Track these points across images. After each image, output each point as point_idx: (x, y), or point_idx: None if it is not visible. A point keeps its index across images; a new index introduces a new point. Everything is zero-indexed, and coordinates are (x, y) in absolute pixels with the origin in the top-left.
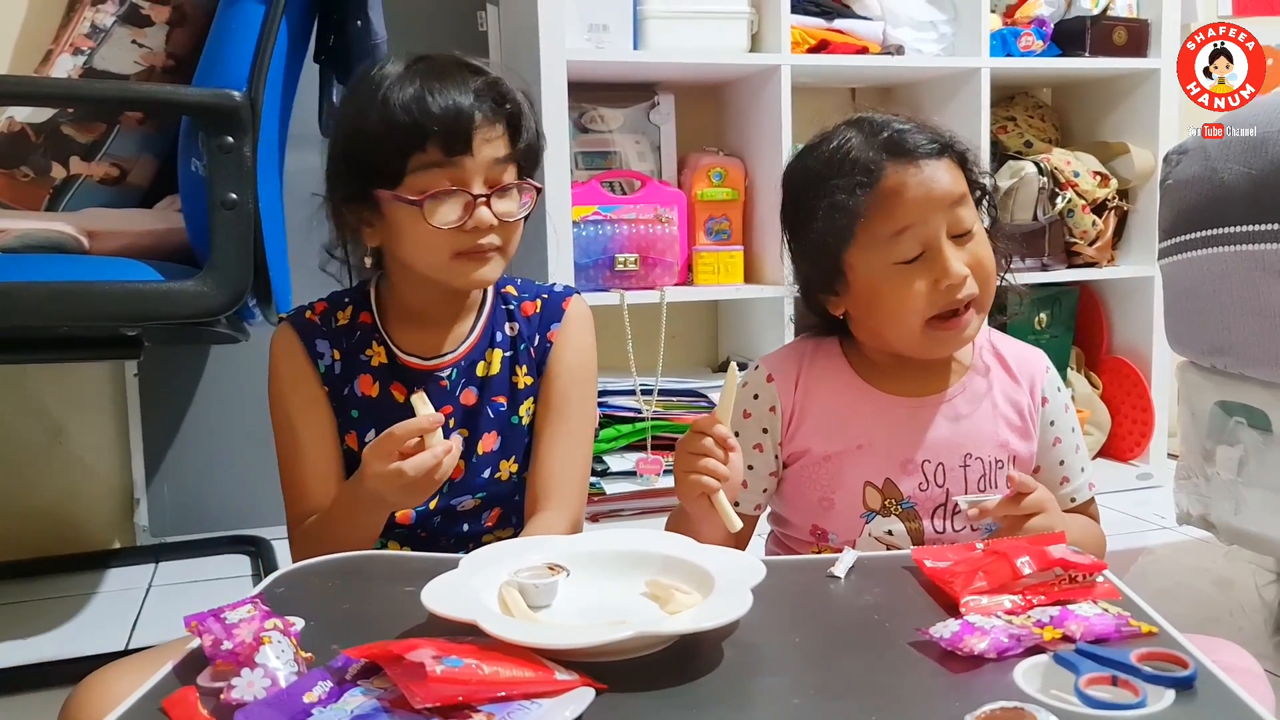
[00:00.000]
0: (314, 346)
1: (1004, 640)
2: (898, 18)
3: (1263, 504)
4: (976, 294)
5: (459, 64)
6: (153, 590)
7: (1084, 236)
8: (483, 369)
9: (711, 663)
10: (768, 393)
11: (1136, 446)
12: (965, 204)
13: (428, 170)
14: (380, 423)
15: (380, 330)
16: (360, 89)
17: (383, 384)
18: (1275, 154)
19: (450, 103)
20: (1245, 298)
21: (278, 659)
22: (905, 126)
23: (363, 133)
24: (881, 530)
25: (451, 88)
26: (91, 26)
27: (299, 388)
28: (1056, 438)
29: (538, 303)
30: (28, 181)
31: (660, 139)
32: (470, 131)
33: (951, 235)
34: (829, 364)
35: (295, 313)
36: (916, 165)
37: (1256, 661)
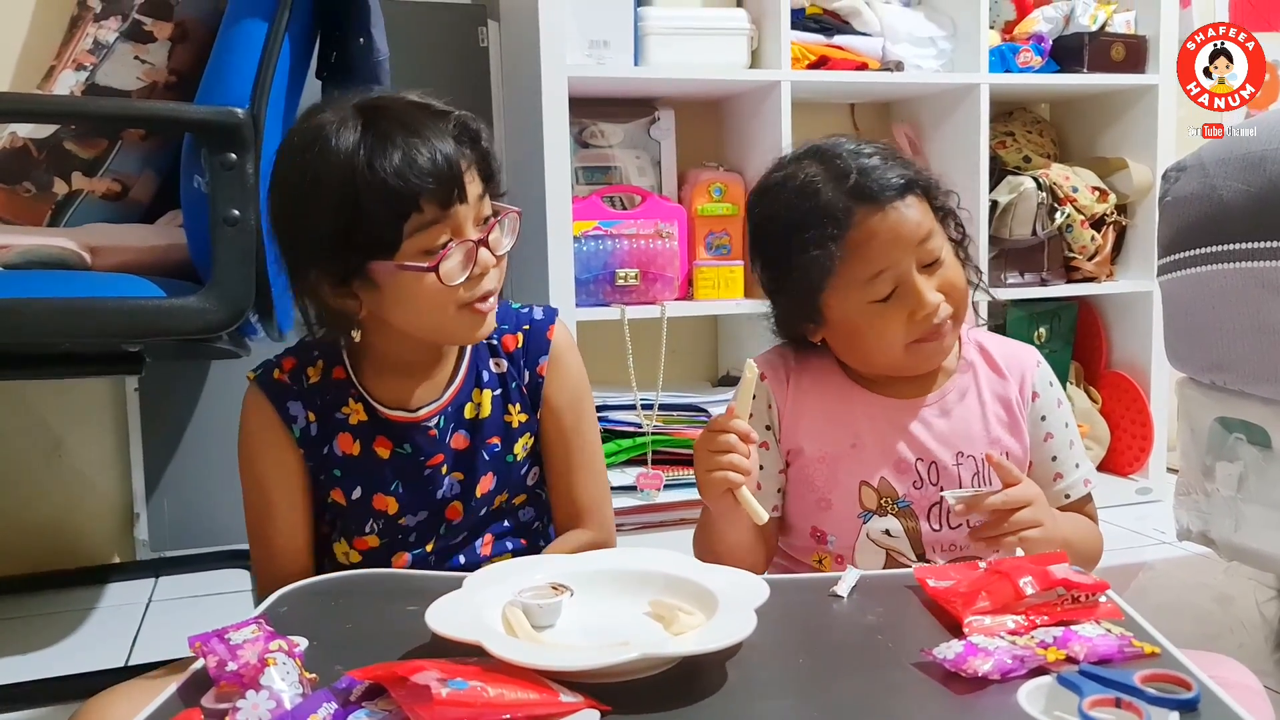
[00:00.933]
0: (286, 410)
1: (1007, 661)
2: (897, 34)
3: (1262, 520)
4: (950, 315)
5: (422, 107)
6: (153, 605)
7: (1083, 251)
8: (471, 411)
9: (715, 684)
10: (762, 390)
11: (1136, 461)
12: (933, 235)
13: (425, 230)
14: (366, 479)
15: (357, 386)
16: (321, 158)
17: (364, 442)
18: (1274, 171)
19: (439, 155)
20: (1245, 315)
21: (282, 680)
22: (870, 164)
23: (349, 208)
24: (879, 530)
25: (432, 138)
26: (94, 43)
27: (271, 453)
28: (1048, 433)
29: (519, 336)
30: (30, 197)
31: (661, 154)
32: (462, 179)
33: (922, 266)
34: (818, 365)
35: (263, 372)
36: (884, 210)
37: (1256, 678)
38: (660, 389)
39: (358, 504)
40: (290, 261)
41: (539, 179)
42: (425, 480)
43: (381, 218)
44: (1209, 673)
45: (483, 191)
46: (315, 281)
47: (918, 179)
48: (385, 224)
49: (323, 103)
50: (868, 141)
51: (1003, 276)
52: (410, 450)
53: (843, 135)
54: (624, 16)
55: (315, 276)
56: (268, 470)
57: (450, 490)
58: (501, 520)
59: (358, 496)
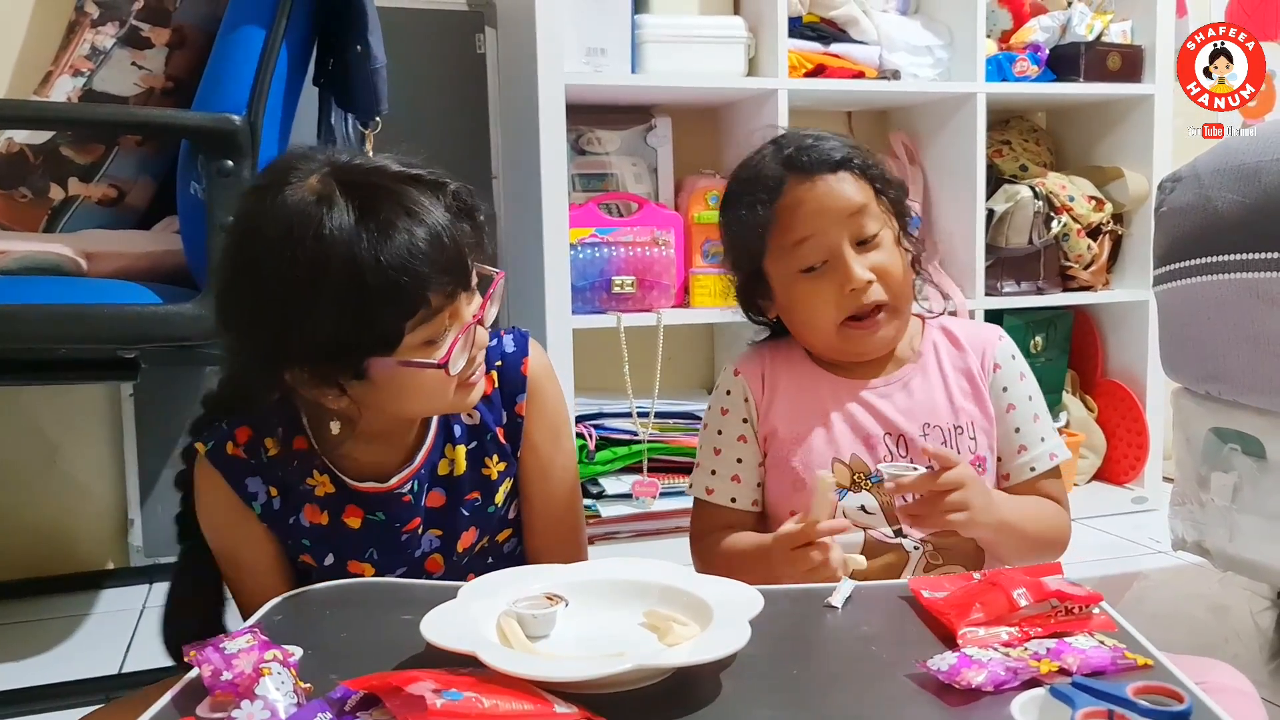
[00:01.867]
0: (244, 487)
1: (1001, 673)
2: (894, 42)
3: (1257, 531)
4: (884, 299)
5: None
6: (147, 612)
7: (1079, 260)
8: (445, 467)
9: (709, 695)
10: (739, 386)
11: (1131, 470)
12: (867, 213)
13: (429, 323)
14: (338, 547)
15: (320, 459)
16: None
17: (332, 512)
18: (1269, 183)
19: (449, 247)
20: (1240, 325)
21: (277, 690)
22: (809, 142)
23: (352, 308)
24: (855, 506)
25: (438, 224)
26: (91, 48)
27: (233, 529)
28: (1010, 404)
29: (493, 375)
30: (26, 203)
31: (657, 162)
32: (469, 267)
33: (856, 243)
34: (790, 355)
35: (214, 447)
36: (814, 179)
37: (1249, 682)
38: (656, 397)
39: (332, 569)
40: (265, 354)
41: (535, 186)
42: (402, 545)
43: (388, 317)
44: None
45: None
46: (292, 378)
47: (856, 158)
48: (390, 323)
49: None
50: (831, 134)
51: (999, 285)
52: (384, 517)
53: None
54: (621, 24)
55: (294, 374)
56: (232, 544)
57: (430, 546)
58: (485, 559)
59: (330, 563)
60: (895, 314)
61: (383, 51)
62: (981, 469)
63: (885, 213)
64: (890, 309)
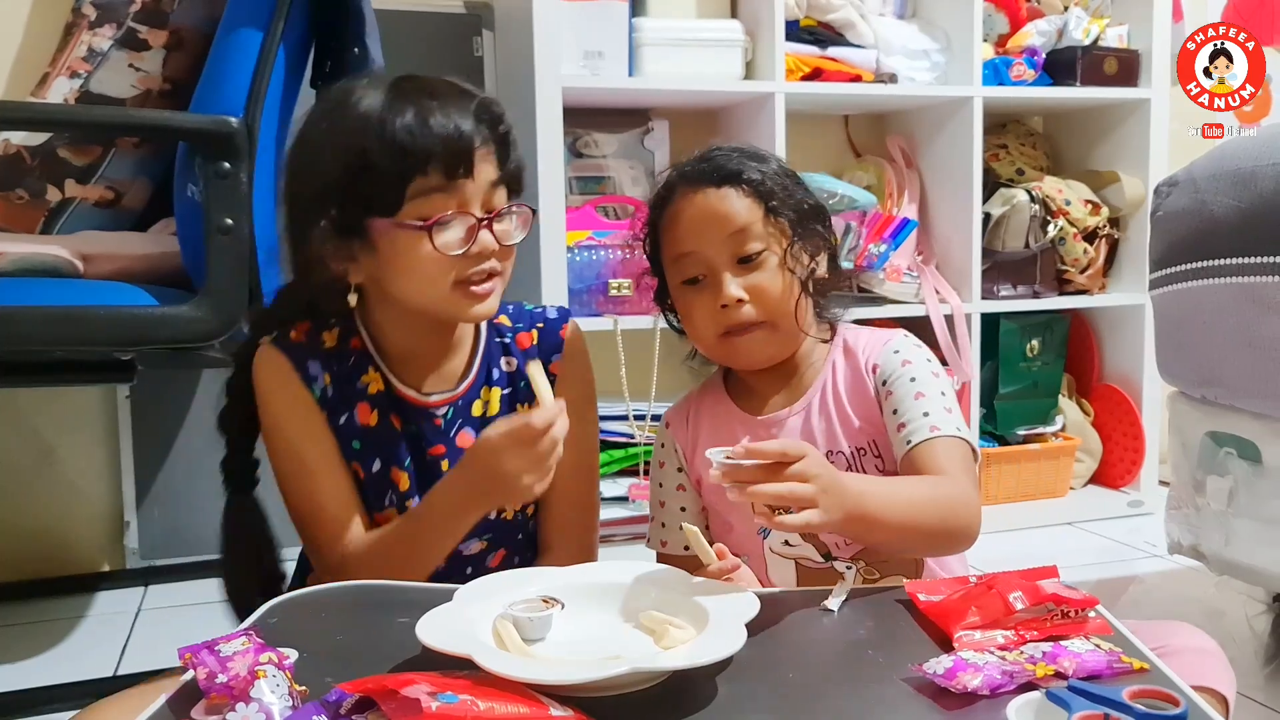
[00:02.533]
0: (306, 369)
1: (997, 676)
2: (891, 46)
3: (1253, 535)
4: (755, 318)
5: (450, 85)
6: (142, 614)
7: (1075, 264)
8: (479, 409)
9: (705, 698)
10: (668, 438)
11: (1128, 474)
12: (749, 232)
13: (428, 196)
14: (385, 452)
15: (375, 358)
16: (341, 114)
17: (382, 413)
18: (1264, 188)
19: (453, 125)
20: (1235, 330)
21: (272, 693)
22: (713, 155)
23: (357, 159)
24: (779, 543)
25: (451, 109)
26: (88, 50)
27: (296, 411)
28: (889, 391)
29: (534, 333)
30: (23, 204)
31: (655, 165)
32: (472, 154)
33: (737, 260)
34: (712, 395)
35: (278, 335)
36: (698, 191)
37: (1213, 641)
38: (653, 399)
39: (376, 477)
40: (296, 215)
41: (533, 188)
42: (427, 466)
43: (387, 173)
44: (1165, 640)
45: (498, 180)
46: (318, 238)
47: (750, 174)
48: (390, 180)
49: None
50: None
51: (995, 288)
52: (416, 432)
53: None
54: (618, 27)
55: (318, 232)
56: (296, 431)
57: None
58: (515, 533)
59: (377, 470)
60: (773, 330)
61: (380, 54)
62: None
63: (774, 234)
64: (767, 326)
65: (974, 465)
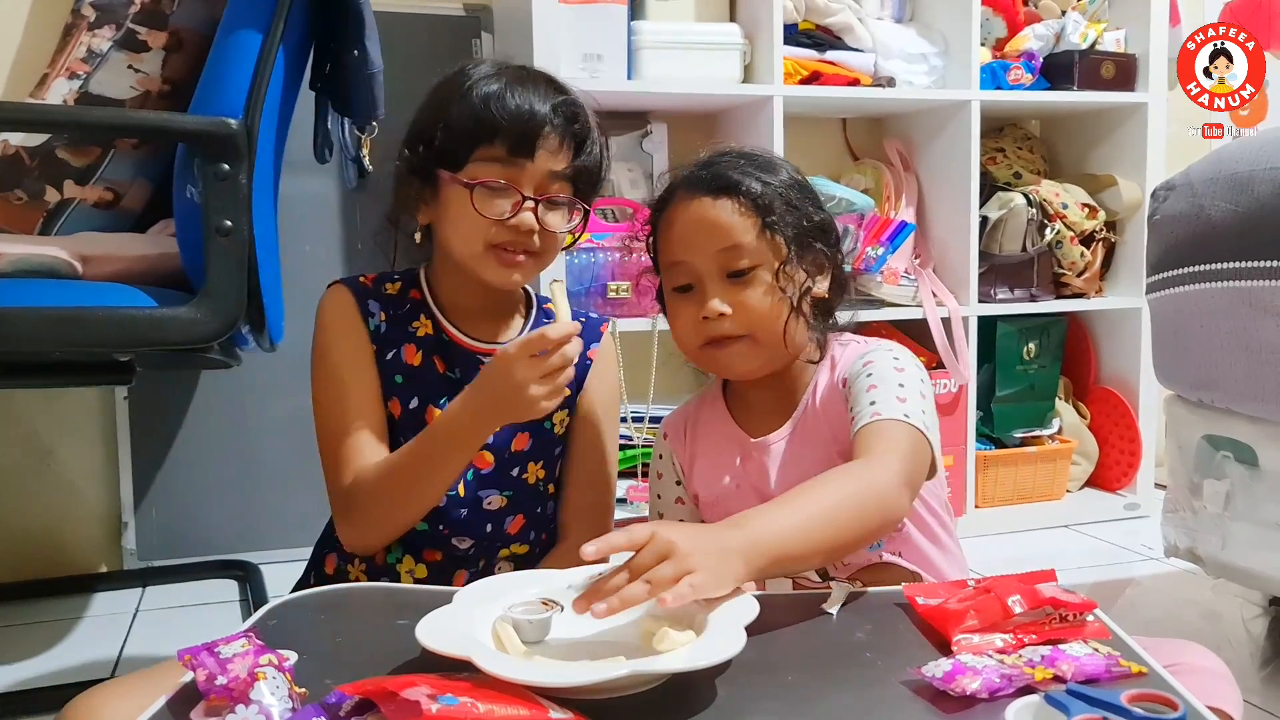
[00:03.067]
0: (366, 305)
1: (996, 680)
2: (889, 50)
3: (1249, 538)
4: (736, 333)
5: (547, 79)
6: (140, 615)
7: (1072, 268)
8: None
9: (704, 701)
10: (666, 450)
11: (1124, 477)
12: (741, 248)
13: (488, 163)
14: (424, 390)
15: (430, 306)
16: (450, 78)
17: (426, 354)
18: (1261, 192)
19: (526, 106)
20: (1232, 333)
21: (272, 695)
22: (717, 161)
23: (441, 115)
24: None
25: (531, 94)
26: (88, 51)
27: (350, 340)
28: (850, 392)
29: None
30: (21, 205)
31: (653, 167)
32: (536, 137)
33: (726, 275)
34: (712, 409)
35: (347, 278)
36: (694, 199)
37: (1222, 662)
38: (651, 401)
39: (412, 415)
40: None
41: None
42: None
43: (458, 133)
44: (1175, 659)
45: (560, 171)
46: (400, 172)
47: (750, 190)
48: (458, 139)
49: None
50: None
51: (992, 292)
52: (459, 376)
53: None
54: (617, 30)
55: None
56: (344, 358)
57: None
58: (535, 505)
59: (414, 407)
60: (754, 344)
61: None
62: None
63: (768, 250)
64: (748, 340)
65: (912, 447)
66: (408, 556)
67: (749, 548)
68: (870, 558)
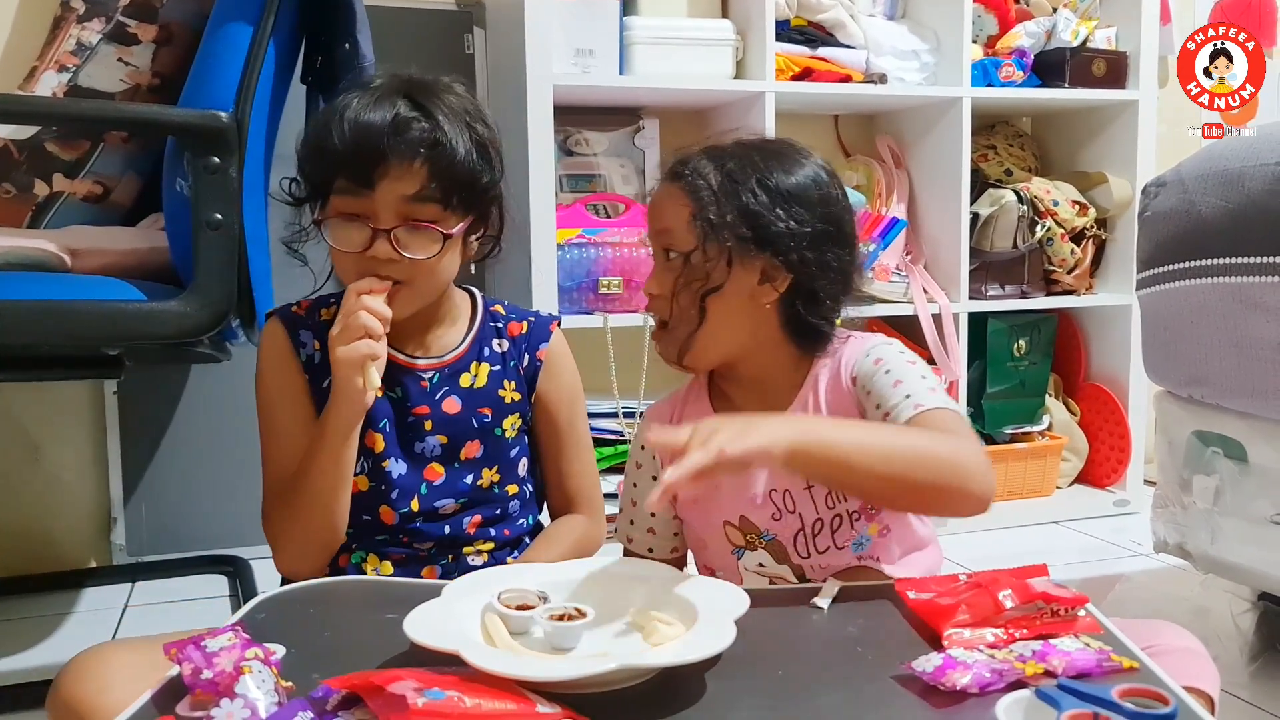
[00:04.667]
0: (298, 336)
1: (986, 675)
2: (881, 47)
3: (1238, 534)
4: (657, 317)
5: (404, 93)
6: (129, 610)
7: (1063, 265)
8: (467, 380)
9: (694, 695)
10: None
11: (1114, 473)
12: (672, 234)
13: (342, 195)
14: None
15: None
16: (333, 103)
17: None
18: (1251, 188)
19: (361, 133)
20: (1222, 330)
21: (258, 689)
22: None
23: (307, 144)
24: (754, 564)
25: (373, 119)
26: (77, 44)
27: (280, 375)
28: (867, 391)
29: (524, 324)
30: (10, 199)
31: (645, 163)
32: (371, 168)
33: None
34: (695, 402)
35: (283, 307)
36: (660, 182)
37: (1198, 641)
38: (642, 397)
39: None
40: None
41: (523, 186)
42: (409, 426)
43: (313, 169)
44: (1151, 639)
45: (421, 193)
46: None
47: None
48: (315, 173)
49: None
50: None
51: (983, 288)
52: (400, 394)
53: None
54: (610, 26)
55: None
56: (275, 393)
57: (432, 451)
58: (494, 507)
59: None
60: (667, 331)
61: (371, 50)
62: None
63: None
64: (668, 329)
65: (971, 431)
66: (372, 555)
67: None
68: (849, 560)
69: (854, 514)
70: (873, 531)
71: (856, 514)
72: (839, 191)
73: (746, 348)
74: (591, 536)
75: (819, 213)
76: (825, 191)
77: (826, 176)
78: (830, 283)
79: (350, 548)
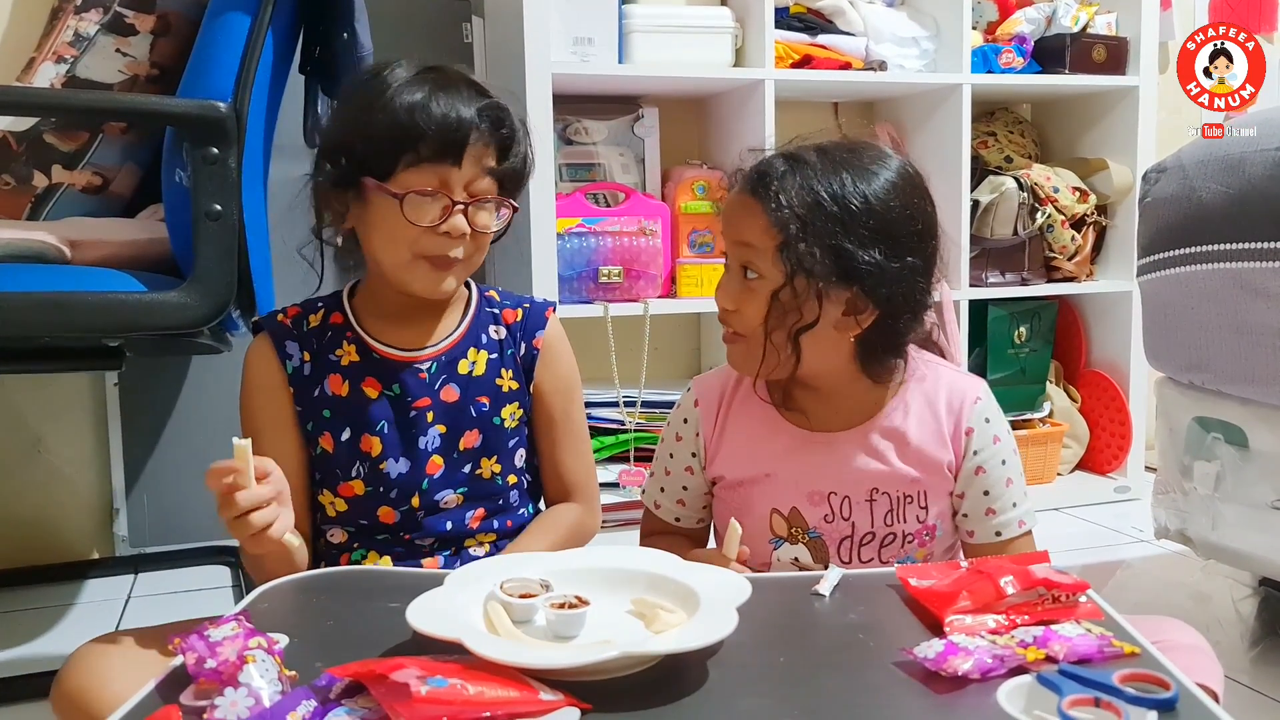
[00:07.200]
0: (284, 348)
1: (988, 661)
2: (880, 34)
3: (1239, 519)
4: (731, 329)
5: (467, 81)
6: (132, 601)
7: (1063, 251)
8: (465, 367)
9: (696, 682)
10: (694, 418)
11: (1115, 459)
12: (752, 250)
13: (417, 169)
14: (354, 420)
15: (354, 328)
16: (368, 85)
17: (353, 382)
18: (1253, 173)
19: (452, 112)
20: (1223, 315)
21: (261, 678)
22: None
23: (364, 124)
24: (789, 558)
25: (456, 99)
26: (75, 35)
27: (263, 391)
28: (979, 467)
29: (519, 311)
30: (9, 190)
31: (644, 152)
32: (464, 143)
33: (743, 269)
34: (746, 391)
35: (268, 316)
36: (735, 192)
37: (1203, 638)
38: (643, 386)
39: (345, 446)
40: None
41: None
42: (410, 422)
43: (383, 142)
44: (1156, 635)
45: (490, 173)
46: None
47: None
48: (385, 148)
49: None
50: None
51: (984, 276)
52: (398, 391)
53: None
54: (608, 14)
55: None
56: (258, 407)
57: (432, 443)
58: (496, 498)
59: (346, 438)
60: (743, 342)
61: (369, 40)
62: (930, 537)
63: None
64: (745, 341)
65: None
66: (372, 553)
67: None
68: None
69: (909, 536)
70: (920, 556)
71: (911, 537)
72: (930, 208)
73: (820, 369)
74: (586, 525)
75: (909, 246)
76: (918, 221)
77: (919, 198)
78: (913, 315)
79: (351, 546)
